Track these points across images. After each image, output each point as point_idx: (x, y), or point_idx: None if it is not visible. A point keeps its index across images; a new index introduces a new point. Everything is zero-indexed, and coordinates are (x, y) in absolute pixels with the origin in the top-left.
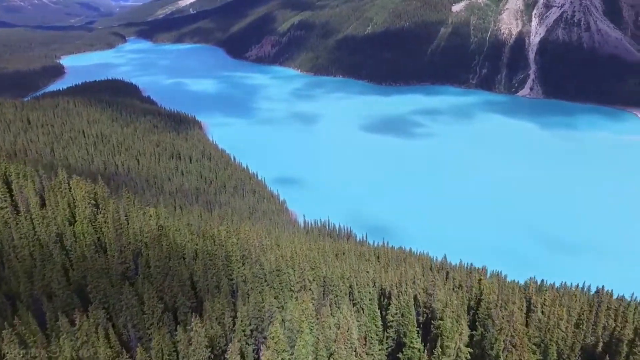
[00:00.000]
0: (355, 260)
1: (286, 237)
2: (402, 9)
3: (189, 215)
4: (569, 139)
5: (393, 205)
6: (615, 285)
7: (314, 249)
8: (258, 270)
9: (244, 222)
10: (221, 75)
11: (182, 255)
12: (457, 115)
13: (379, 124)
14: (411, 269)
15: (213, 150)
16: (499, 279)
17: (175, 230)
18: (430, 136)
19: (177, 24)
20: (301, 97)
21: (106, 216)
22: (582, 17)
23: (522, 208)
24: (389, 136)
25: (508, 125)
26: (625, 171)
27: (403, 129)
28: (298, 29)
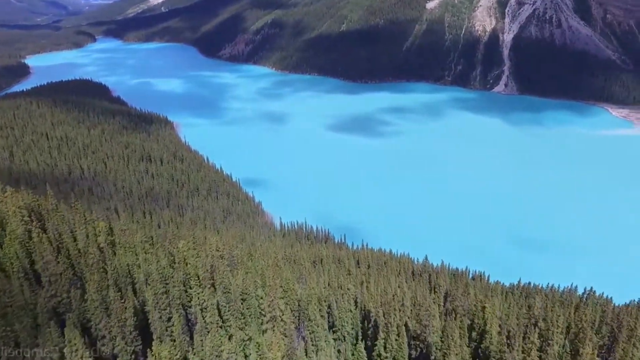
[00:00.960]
0: (335, 268)
1: (261, 244)
2: (376, 7)
3: (153, 223)
4: (542, 135)
5: (367, 205)
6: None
7: (290, 258)
8: (221, 296)
9: (218, 226)
10: (193, 74)
11: (130, 282)
12: (427, 112)
13: (348, 122)
14: (393, 275)
15: (185, 152)
16: (482, 280)
17: (127, 249)
18: (398, 134)
19: (148, 22)
20: (272, 96)
21: (41, 236)
22: (553, 14)
23: (496, 205)
24: (358, 136)
25: (479, 122)
26: (599, 166)
27: (372, 127)
28: (272, 27)
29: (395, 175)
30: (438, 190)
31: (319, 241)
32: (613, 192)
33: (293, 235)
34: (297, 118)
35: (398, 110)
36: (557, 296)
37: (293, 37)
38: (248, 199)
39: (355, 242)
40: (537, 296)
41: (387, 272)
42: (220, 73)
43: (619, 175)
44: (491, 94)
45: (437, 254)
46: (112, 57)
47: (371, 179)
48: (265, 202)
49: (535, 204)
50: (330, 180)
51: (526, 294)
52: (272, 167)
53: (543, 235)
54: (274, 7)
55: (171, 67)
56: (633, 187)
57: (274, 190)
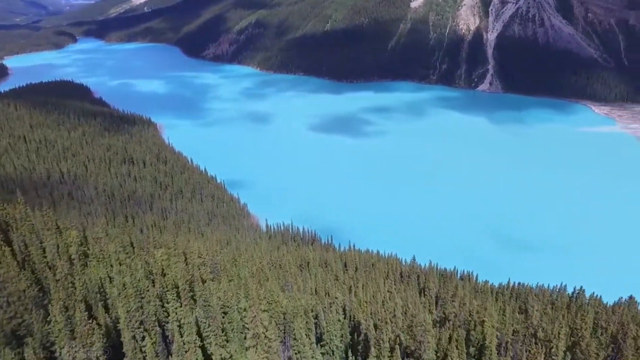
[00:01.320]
0: (322, 272)
1: (246, 248)
2: (361, 6)
3: (135, 228)
4: (526, 133)
5: (353, 205)
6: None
7: (276, 263)
8: (201, 311)
9: (202, 229)
10: (176, 74)
11: (102, 298)
12: (411, 112)
13: (332, 122)
14: (382, 278)
15: (169, 153)
16: (471, 280)
17: (100, 260)
18: (382, 134)
19: (130, 22)
20: (256, 96)
21: (4, 249)
22: (536, 12)
23: (480, 204)
24: (342, 135)
25: (463, 121)
26: (583, 163)
27: (356, 127)
28: (256, 27)
29: (379, 175)
30: (422, 189)
31: (305, 243)
32: (597, 189)
33: (279, 237)
34: (281, 118)
35: (382, 109)
36: (547, 296)
37: (277, 36)
38: (233, 200)
39: (342, 243)
40: (532, 299)
41: (375, 274)
42: (204, 73)
43: (603, 172)
44: (476, 93)
45: (424, 253)
46: (92, 57)
47: (356, 179)
48: (251, 204)
49: (520, 202)
50: (315, 180)
51: (517, 295)
52: (257, 168)
53: (528, 234)
54: (258, 7)
55: (154, 68)
56: (616, 184)
57: (259, 192)
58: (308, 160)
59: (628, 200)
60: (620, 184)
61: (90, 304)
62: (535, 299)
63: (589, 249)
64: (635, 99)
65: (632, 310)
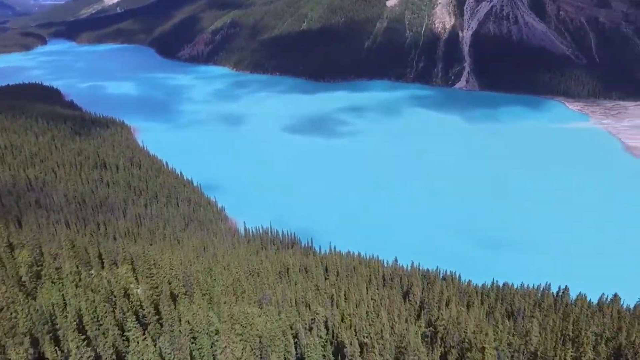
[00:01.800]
0: (302, 280)
1: (224, 255)
2: (337, 5)
3: (108, 235)
4: (501, 130)
5: (330, 206)
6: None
7: (254, 271)
8: (165, 339)
9: (178, 235)
10: (150, 76)
11: (50, 329)
12: (386, 111)
13: (307, 123)
14: (364, 282)
15: (143, 157)
16: (454, 281)
17: (55, 282)
18: (358, 134)
19: (103, 23)
20: (231, 97)
21: None
22: (510, 10)
23: (457, 203)
24: (318, 136)
25: (438, 119)
26: (559, 159)
27: (331, 127)
28: (231, 27)
29: (355, 175)
30: (398, 188)
31: (285, 246)
32: (573, 184)
33: (258, 241)
34: (257, 119)
35: (358, 109)
36: (532, 297)
37: (253, 36)
38: (210, 204)
39: (322, 245)
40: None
41: (357, 279)
42: (179, 74)
43: (579, 167)
44: (452, 91)
45: (405, 253)
46: (60, 59)
47: (332, 180)
48: (228, 207)
49: (497, 199)
50: (292, 182)
51: (502, 297)
52: (233, 171)
53: (507, 231)
54: (232, 7)
55: (127, 69)
56: (592, 178)
57: (236, 195)
58: (284, 161)
59: (604, 194)
60: (596, 179)
61: (36, 337)
62: (521, 300)
63: (567, 245)
64: (606, 94)
65: (622, 313)
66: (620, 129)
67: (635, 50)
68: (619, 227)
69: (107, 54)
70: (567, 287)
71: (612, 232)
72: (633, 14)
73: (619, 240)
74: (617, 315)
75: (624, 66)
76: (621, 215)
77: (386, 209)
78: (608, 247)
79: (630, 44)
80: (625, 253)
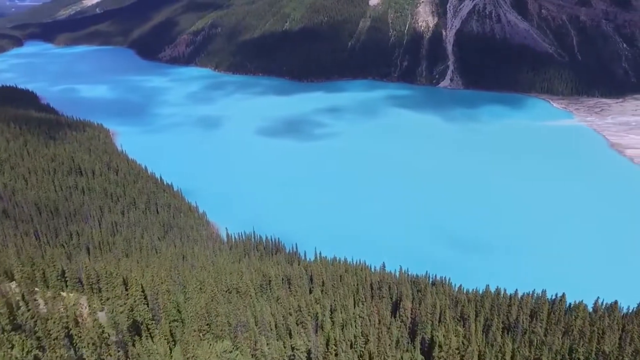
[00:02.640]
0: (284, 297)
1: (202, 266)
2: (319, 4)
3: (81, 246)
4: (486, 128)
5: (313, 210)
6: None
7: (233, 287)
8: None
9: (156, 244)
10: (130, 78)
11: None
12: (363, 111)
13: (289, 124)
14: (352, 293)
15: (122, 162)
16: (444, 287)
17: None
18: (339, 135)
19: (82, 24)
20: (212, 98)
21: None
22: (492, 9)
23: (442, 204)
24: (298, 138)
25: (421, 119)
26: (545, 157)
27: (314, 128)
28: (213, 28)
29: (335, 177)
30: (379, 191)
31: (269, 252)
32: (560, 182)
33: (241, 248)
34: (238, 121)
35: (339, 109)
36: (528, 305)
37: (235, 37)
38: (191, 209)
39: (307, 250)
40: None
41: (344, 290)
42: (159, 76)
43: (566, 166)
44: (437, 89)
45: (390, 255)
46: (36, 62)
47: (316, 182)
48: (210, 212)
49: (481, 200)
50: (275, 186)
51: (497, 307)
52: (215, 175)
53: (491, 233)
54: (214, 8)
55: (108, 71)
56: (579, 178)
57: (218, 199)
58: (267, 164)
59: (592, 193)
60: (584, 177)
61: None
62: (517, 310)
63: (556, 247)
64: (589, 92)
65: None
66: (604, 126)
67: (616, 48)
68: (608, 227)
69: (85, 56)
70: (563, 295)
71: (602, 233)
72: (612, 12)
73: (608, 241)
74: (621, 323)
75: (606, 63)
76: (610, 215)
77: (369, 211)
78: (598, 248)
79: (610, 42)
80: (615, 253)
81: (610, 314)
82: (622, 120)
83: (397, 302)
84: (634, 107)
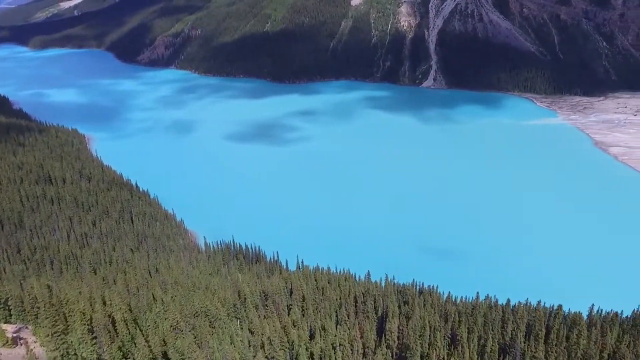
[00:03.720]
0: (257, 320)
1: (175, 280)
2: (301, 5)
3: (45, 262)
4: (472, 129)
5: (293, 216)
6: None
7: (200, 311)
8: None
9: (127, 257)
10: (107, 81)
11: None
12: (350, 111)
13: (269, 128)
14: (334, 310)
15: (96, 169)
16: (433, 296)
17: None
18: (320, 137)
19: (58, 27)
20: (190, 101)
21: None
22: (474, 8)
23: (420, 209)
24: (263, 144)
25: (403, 119)
26: (531, 156)
27: (294, 132)
28: (193, 29)
29: (321, 181)
30: (355, 196)
31: (249, 261)
32: (545, 183)
33: (220, 257)
34: (217, 124)
35: (316, 112)
36: (523, 317)
37: (215, 38)
38: (168, 217)
39: (289, 257)
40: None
41: (326, 306)
42: (136, 79)
43: (553, 166)
44: (419, 90)
45: (372, 261)
46: (8, 65)
47: (295, 188)
48: (188, 220)
49: (464, 203)
50: (254, 191)
51: (491, 322)
52: (192, 181)
53: (474, 238)
54: (194, 9)
55: (85, 74)
56: (566, 177)
57: (195, 206)
58: (241, 169)
59: (578, 191)
60: (571, 176)
61: None
62: (512, 326)
63: (543, 250)
64: (571, 90)
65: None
66: (588, 124)
67: (596, 46)
68: (596, 226)
69: (62, 59)
70: (560, 307)
71: (589, 234)
72: (592, 10)
73: (597, 241)
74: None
75: (587, 62)
76: (598, 214)
77: (347, 217)
78: (585, 249)
79: (591, 40)
80: (603, 253)
81: (611, 326)
82: (605, 118)
83: (383, 318)
84: (615, 104)
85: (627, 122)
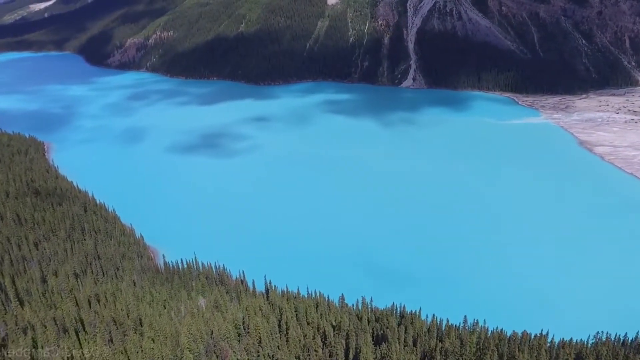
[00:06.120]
0: None
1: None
2: (275, 5)
3: None
4: (454, 129)
5: (259, 233)
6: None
7: None
8: None
9: (72, 283)
10: (72, 86)
11: None
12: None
13: (238, 134)
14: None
15: (49, 180)
16: (413, 321)
17: None
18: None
19: (27, 29)
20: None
21: None
22: (453, 6)
23: (394, 218)
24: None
25: (387, 120)
26: (516, 156)
27: (251, 137)
28: (165, 31)
29: (280, 194)
30: (320, 209)
31: (211, 282)
32: (531, 185)
33: (178, 279)
34: (183, 130)
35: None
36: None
37: (188, 39)
38: (126, 233)
39: (255, 277)
40: None
41: (288, 349)
42: (103, 83)
43: (539, 166)
44: (398, 90)
45: (342, 281)
46: None
47: (263, 200)
48: (148, 236)
49: (444, 208)
50: (215, 204)
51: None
52: (150, 192)
53: (456, 247)
54: (166, 11)
55: (52, 78)
56: (550, 178)
57: (155, 221)
58: (207, 180)
59: (565, 193)
60: (555, 177)
61: None
62: None
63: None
64: (552, 89)
65: None
66: (571, 123)
67: (576, 44)
68: (584, 231)
69: (28, 63)
70: (563, 340)
71: (578, 239)
72: (570, 8)
73: (586, 248)
74: None
75: (567, 60)
76: (586, 217)
77: (312, 229)
78: (573, 256)
79: (570, 38)
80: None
81: None
82: (588, 116)
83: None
84: (597, 103)
85: (610, 120)
